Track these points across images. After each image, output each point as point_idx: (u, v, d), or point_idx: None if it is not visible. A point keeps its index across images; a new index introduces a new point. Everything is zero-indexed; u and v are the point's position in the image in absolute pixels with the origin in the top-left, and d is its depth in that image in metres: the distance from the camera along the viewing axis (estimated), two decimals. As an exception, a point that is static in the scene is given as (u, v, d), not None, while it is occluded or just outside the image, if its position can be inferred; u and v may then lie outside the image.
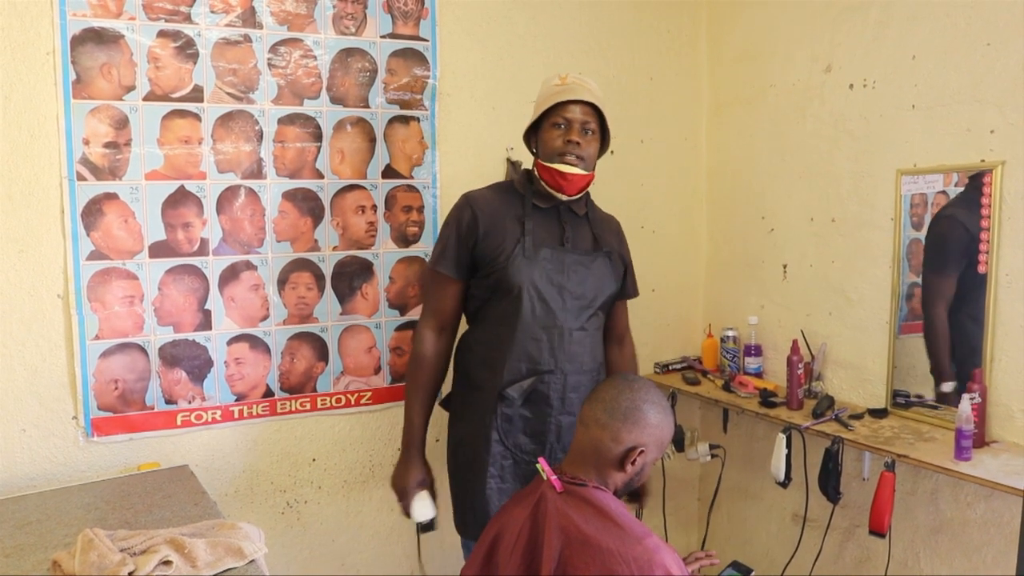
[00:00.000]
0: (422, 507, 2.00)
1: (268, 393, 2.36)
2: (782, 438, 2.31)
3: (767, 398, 2.48)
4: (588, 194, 2.09)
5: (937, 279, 2.19)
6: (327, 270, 2.40)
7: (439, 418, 2.21)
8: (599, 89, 2.02)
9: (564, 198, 1.99)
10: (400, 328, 2.52)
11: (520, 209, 2.01)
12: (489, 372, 1.99)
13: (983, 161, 2.06)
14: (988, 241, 2.04)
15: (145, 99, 2.14)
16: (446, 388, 2.17)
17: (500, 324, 1.99)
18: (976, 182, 2.07)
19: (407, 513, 2.02)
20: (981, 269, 2.06)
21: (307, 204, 2.36)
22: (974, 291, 2.08)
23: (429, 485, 2.05)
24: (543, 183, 1.99)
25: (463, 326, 2.14)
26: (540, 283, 1.95)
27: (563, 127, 1.94)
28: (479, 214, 1.99)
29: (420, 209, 2.51)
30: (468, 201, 2.03)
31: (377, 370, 2.50)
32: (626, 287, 2.18)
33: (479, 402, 2.00)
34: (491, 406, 1.97)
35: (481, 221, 1.98)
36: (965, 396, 1.97)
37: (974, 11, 2.08)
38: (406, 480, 2.02)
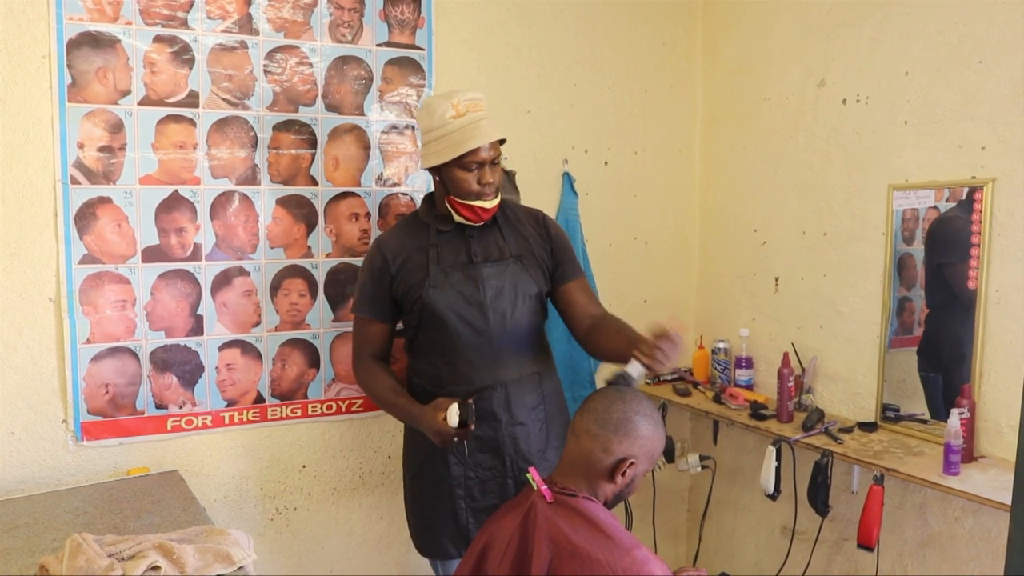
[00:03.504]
0: (452, 415, 1.83)
1: (259, 399, 2.35)
2: (772, 451, 2.31)
3: (757, 410, 2.49)
4: None
5: (955, 262, 2.16)
6: (320, 277, 2.40)
7: (395, 435, 2.15)
8: (486, 100, 1.98)
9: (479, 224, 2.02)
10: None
11: (425, 239, 2.03)
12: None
13: (974, 178, 2.08)
14: (978, 257, 2.06)
15: (140, 104, 2.15)
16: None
17: (432, 353, 2.03)
18: (967, 198, 2.09)
19: (447, 437, 1.84)
20: (971, 285, 2.08)
21: (301, 211, 2.36)
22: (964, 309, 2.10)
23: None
24: (459, 215, 1.99)
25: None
26: (458, 306, 1.97)
27: (475, 169, 1.93)
28: (388, 256, 2.02)
29: (414, 217, 2.52)
30: (378, 245, 2.07)
31: (369, 377, 2.50)
32: (560, 272, 2.10)
33: None
34: None
35: (391, 263, 2.02)
36: (954, 411, 1.98)
37: (966, 29, 2.10)
38: (430, 425, 1.86)
